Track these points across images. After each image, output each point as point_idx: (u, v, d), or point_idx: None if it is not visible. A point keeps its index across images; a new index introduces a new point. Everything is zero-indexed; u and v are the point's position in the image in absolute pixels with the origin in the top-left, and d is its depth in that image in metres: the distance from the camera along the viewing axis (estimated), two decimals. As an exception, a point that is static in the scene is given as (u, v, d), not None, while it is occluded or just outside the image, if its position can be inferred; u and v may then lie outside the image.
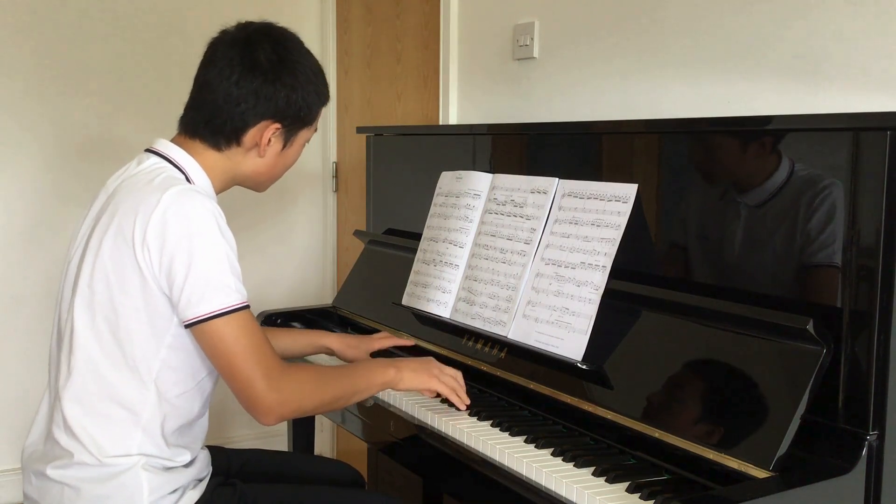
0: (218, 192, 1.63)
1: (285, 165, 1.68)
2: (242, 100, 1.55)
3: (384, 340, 2.06)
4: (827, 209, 1.37)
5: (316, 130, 1.71)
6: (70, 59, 3.02)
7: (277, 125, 1.58)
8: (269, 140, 1.59)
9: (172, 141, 1.60)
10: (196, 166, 1.57)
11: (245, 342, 1.45)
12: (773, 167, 1.45)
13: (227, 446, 1.85)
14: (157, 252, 1.43)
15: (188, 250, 1.42)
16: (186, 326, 1.46)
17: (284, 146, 1.63)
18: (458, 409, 1.74)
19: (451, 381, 1.73)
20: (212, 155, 1.59)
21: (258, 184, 1.70)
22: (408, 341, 2.05)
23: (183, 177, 1.55)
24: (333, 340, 2.03)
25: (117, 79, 3.10)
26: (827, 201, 1.37)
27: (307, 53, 1.63)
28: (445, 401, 1.78)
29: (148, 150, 1.60)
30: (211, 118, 1.57)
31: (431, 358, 1.78)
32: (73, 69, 3.03)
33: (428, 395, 1.76)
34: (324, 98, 1.66)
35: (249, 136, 1.58)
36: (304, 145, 1.69)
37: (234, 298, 1.45)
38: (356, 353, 2.01)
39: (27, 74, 2.96)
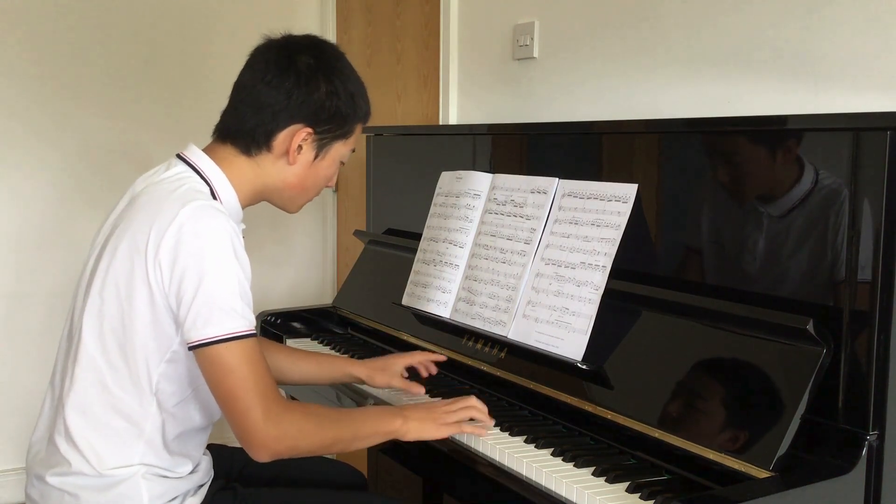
0: (244, 205, 1.58)
1: (316, 180, 1.60)
2: (275, 101, 1.50)
3: (415, 356, 1.90)
4: (826, 208, 1.36)
5: (354, 151, 1.65)
6: (80, 66, 3.03)
7: (309, 130, 1.53)
8: (300, 147, 1.54)
9: (205, 149, 1.56)
10: (223, 179, 1.52)
11: (246, 371, 1.38)
12: (774, 167, 1.45)
13: (228, 444, 1.85)
14: (168, 268, 1.39)
15: (199, 270, 1.38)
16: (190, 349, 1.41)
17: (317, 157, 1.57)
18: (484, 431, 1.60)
19: (461, 415, 1.59)
20: (241, 162, 1.54)
21: (289, 199, 1.61)
22: (440, 356, 1.91)
23: (207, 189, 1.50)
24: (360, 368, 1.87)
25: (127, 86, 3.11)
26: (826, 201, 1.37)
27: (348, 66, 1.59)
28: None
29: (178, 156, 1.55)
30: (243, 120, 1.53)
31: (438, 400, 1.66)
32: (84, 76, 3.04)
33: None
34: (361, 113, 1.59)
35: (280, 139, 1.52)
36: (339, 163, 1.62)
37: (241, 324, 1.39)
38: (384, 378, 1.86)
39: (35, 81, 2.96)
